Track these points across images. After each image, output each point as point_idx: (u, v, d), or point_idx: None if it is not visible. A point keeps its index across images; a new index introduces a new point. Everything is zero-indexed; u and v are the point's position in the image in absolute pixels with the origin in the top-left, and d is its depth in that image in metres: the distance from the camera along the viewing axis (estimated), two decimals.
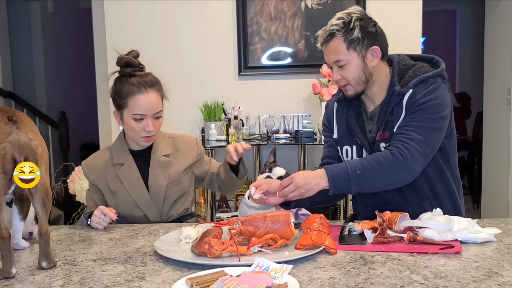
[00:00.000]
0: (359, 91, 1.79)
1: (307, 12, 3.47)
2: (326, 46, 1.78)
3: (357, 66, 1.75)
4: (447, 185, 1.82)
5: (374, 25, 1.77)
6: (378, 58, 1.77)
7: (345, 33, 1.73)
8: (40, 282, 1.26)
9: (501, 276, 1.22)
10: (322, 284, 1.19)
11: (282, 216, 1.46)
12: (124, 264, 1.38)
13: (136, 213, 1.92)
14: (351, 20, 1.73)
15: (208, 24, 3.54)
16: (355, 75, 1.76)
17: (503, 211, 3.97)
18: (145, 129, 1.86)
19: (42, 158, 1.32)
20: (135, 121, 1.86)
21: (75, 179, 2.92)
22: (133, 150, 1.96)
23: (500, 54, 4.08)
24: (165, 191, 1.91)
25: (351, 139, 1.86)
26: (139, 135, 1.88)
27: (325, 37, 1.76)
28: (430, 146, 1.70)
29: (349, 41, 1.73)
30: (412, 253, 1.40)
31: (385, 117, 1.77)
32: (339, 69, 1.77)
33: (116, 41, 3.51)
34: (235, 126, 3.37)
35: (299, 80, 3.52)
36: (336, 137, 1.91)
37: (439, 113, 1.70)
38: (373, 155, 1.70)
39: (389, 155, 1.65)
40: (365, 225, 1.57)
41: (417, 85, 1.74)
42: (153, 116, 1.87)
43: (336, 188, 1.64)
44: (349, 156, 1.87)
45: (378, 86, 1.80)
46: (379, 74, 1.80)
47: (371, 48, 1.75)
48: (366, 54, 1.75)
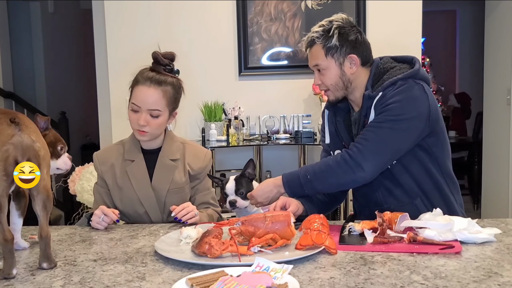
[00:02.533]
0: (339, 97, 1.86)
1: (307, 12, 3.47)
2: (309, 51, 1.88)
3: (335, 72, 1.82)
4: (436, 183, 1.82)
5: (356, 33, 1.81)
6: (356, 65, 1.81)
7: (324, 40, 1.81)
8: (41, 282, 1.26)
9: (501, 276, 1.22)
10: (322, 284, 1.20)
11: (282, 216, 1.46)
12: (125, 264, 1.39)
13: (139, 209, 1.92)
14: (331, 28, 1.80)
15: (208, 24, 3.54)
16: (333, 81, 1.82)
17: (503, 211, 3.97)
18: (137, 122, 1.87)
19: (45, 161, 1.32)
20: (131, 111, 1.89)
21: (75, 179, 2.92)
22: (144, 148, 1.97)
23: (500, 54, 4.08)
24: (166, 195, 1.91)
25: (340, 144, 1.91)
26: (133, 126, 1.90)
27: (307, 43, 1.86)
28: (389, 146, 1.72)
29: (327, 48, 1.80)
30: (412, 253, 1.40)
31: (362, 120, 1.81)
32: (319, 74, 1.85)
33: (116, 41, 3.51)
34: (235, 127, 3.37)
35: (299, 81, 3.52)
36: (328, 142, 1.97)
37: (403, 114, 1.71)
38: (325, 159, 1.82)
39: (338, 157, 1.74)
40: (365, 225, 1.57)
41: (387, 88, 1.76)
42: (148, 111, 1.86)
43: (293, 192, 1.78)
44: None
45: (360, 91, 1.84)
46: (361, 81, 1.83)
47: (349, 56, 1.80)
48: (344, 62, 1.81)
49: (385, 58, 1.87)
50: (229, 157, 3.58)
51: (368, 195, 1.86)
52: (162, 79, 1.88)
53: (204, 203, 1.99)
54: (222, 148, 3.30)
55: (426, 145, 1.79)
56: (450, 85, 7.32)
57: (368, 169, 1.69)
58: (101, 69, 3.64)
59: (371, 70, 1.84)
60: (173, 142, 1.98)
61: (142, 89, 1.86)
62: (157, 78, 1.87)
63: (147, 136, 1.90)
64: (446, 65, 7.30)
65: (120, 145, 2.00)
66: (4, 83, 4.77)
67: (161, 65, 1.91)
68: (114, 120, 3.55)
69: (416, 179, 1.81)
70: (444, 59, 7.27)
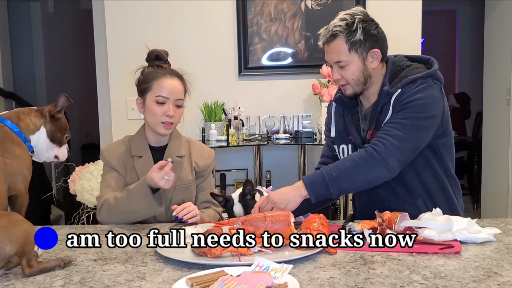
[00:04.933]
0: (357, 92, 1.81)
1: (307, 12, 3.47)
2: (327, 45, 1.79)
3: (357, 67, 1.77)
4: (441, 184, 1.83)
5: (376, 27, 1.79)
6: (378, 60, 1.79)
7: (348, 34, 1.74)
8: (41, 282, 1.26)
9: (501, 276, 1.22)
10: (322, 284, 1.20)
11: (282, 216, 1.47)
12: (125, 264, 1.39)
13: None
14: (354, 22, 1.74)
15: (208, 24, 3.54)
16: (355, 76, 1.78)
17: (502, 211, 3.97)
18: (165, 114, 1.87)
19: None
20: (157, 104, 1.89)
21: (75, 179, 2.92)
22: (151, 145, 1.97)
23: (500, 54, 4.08)
24: (173, 192, 1.92)
25: (346, 138, 1.89)
26: (159, 120, 1.89)
27: (327, 37, 1.77)
28: (411, 143, 1.70)
29: (351, 43, 1.74)
30: (411, 253, 1.41)
31: (375, 116, 1.80)
32: (340, 69, 1.79)
33: (117, 41, 3.51)
34: (235, 127, 3.37)
35: (299, 81, 3.52)
36: (333, 135, 1.94)
37: (425, 112, 1.71)
38: (348, 156, 1.74)
39: (363, 152, 1.68)
40: (365, 225, 1.58)
41: (406, 85, 1.75)
42: (174, 102, 1.89)
43: (316, 194, 1.67)
44: (345, 154, 1.90)
45: (375, 87, 1.82)
46: (378, 76, 1.82)
47: (372, 51, 1.77)
48: (367, 56, 1.77)
49: (399, 56, 1.87)
50: (229, 157, 3.59)
51: (370, 192, 1.85)
52: (177, 72, 1.94)
53: (206, 201, 2.00)
54: (222, 148, 3.30)
55: (435, 145, 1.79)
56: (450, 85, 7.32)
57: (393, 165, 1.67)
58: (101, 69, 3.64)
59: (388, 66, 1.83)
60: (179, 139, 2.00)
61: (166, 80, 1.89)
62: (174, 71, 1.94)
63: (171, 129, 1.92)
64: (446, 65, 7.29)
65: (126, 141, 2.00)
66: (4, 83, 4.77)
67: (165, 62, 1.96)
68: (114, 120, 3.55)
69: (422, 179, 1.80)
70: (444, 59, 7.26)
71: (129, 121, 3.49)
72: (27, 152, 1.43)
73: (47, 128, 1.48)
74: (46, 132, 1.48)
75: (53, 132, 1.49)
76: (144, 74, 1.94)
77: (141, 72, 1.97)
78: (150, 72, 1.92)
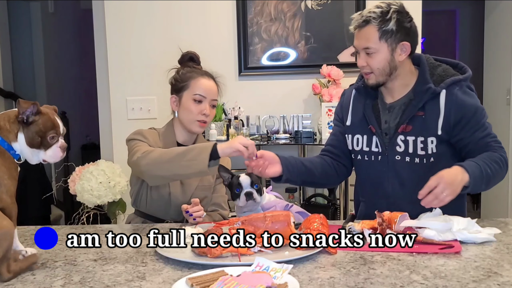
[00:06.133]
0: (380, 82, 1.82)
1: (307, 12, 3.47)
2: (359, 31, 1.79)
3: (385, 57, 1.78)
4: None
5: (410, 21, 1.79)
6: (406, 54, 1.79)
7: (381, 22, 1.75)
8: (41, 282, 1.26)
9: (501, 276, 1.22)
10: (322, 284, 1.20)
11: (282, 216, 1.47)
12: (125, 264, 1.39)
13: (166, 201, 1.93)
14: (389, 11, 1.75)
15: (208, 24, 3.54)
16: (381, 65, 1.78)
17: (503, 211, 3.97)
18: (202, 112, 1.92)
19: None
20: (194, 102, 1.93)
21: (75, 179, 2.91)
22: (179, 142, 1.99)
23: (500, 55, 4.08)
24: (194, 191, 1.94)
25: (365, 127, 1.89)
26: (194, 118, 1.93)
27: (360, 22, 1.78)
28: None
29: (383, 31, 1.75)
30: (411, 253, 1.41)
31: (413, 111, 1.79)
32: (366, 56, 1.79)
33: (117, 41, 3.51)
34: (235, 127, 3.37)
35: (299, 81, 3.52)
36: (349, 124, 1.93)
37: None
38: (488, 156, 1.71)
39: (500, 156, 1.72)
40: (364, 225, 1.58)
41: (450, 85, 1.77)
42: (210, 102, 1.95)
43: (473, 186, 1.62)
44: (359, 145, 1.91)
45: (400, 80, 1.83)
46: (403, 70, 1.82)
47: (402, 43, 1.77)
48: (396, 48, 1.77)
49: (427, 55, 1.88)
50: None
51: (378, 186, 1.86)
52: (212, 74, 2.01)
53: (215, 204, 2.02)
54: None
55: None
56: None
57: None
58: (101, 69, 3.64)
59: (423, 64, 1.84)
60: (204, 141, 2.05)
61: (204, 80, 1.96)
62: (210, 73, 2.01)
63: (205, 128, 1.97)
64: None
65: (156, 132, 2.00)
66: (4, 83, 4.77)
67: (197, 63, 2.05)
68: (114, 120, 3.55)
69: None
70: None
71: (129, 121, 3.49)
72: (10, 160, 1.34)
73: (25, 134, 1.35)
74: (25, 138, 1.35)
75: (30, 138, 1.35)
76: (180, 73, 1.99)
77: (176, 71, 2.03)
78: (188, 72, 1.98)
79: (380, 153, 1.87)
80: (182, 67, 2.02)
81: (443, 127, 1.77)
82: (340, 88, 3.32)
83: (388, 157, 1.84)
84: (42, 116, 1.37)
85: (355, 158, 1.95)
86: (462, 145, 1.80)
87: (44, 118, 1.37)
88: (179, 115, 1.98)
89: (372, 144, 1.87)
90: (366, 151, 1.90)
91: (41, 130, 1.36)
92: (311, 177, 1.92)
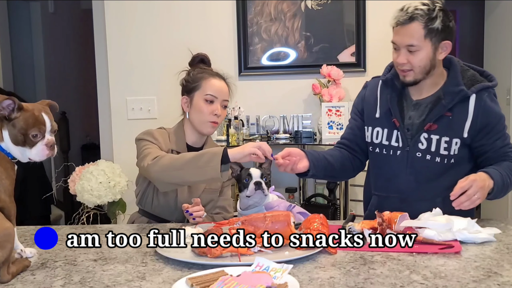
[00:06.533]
0: (418, 79, 1.81)
1: (307, 12, 3.47)
2: (402, 27, 1.76)
3: (427, 55, 1.76)
4: None
5: (451, 20, 1.79)
6: (446, 53, 1.80)
7: (427, 20, 1.73)
8: (41, 282, 1.26)
9: (501, 276, 1.22)
10: (322, 284, 1.20)
11: (282, 216, 1.47)
12: (125, 264, 1.39)
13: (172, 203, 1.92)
14: (434, 9, 1.74)
15: (208, 24, 3.54)
16: (422, 63, 1.77)
17: (503, 211, 3.97)
18: (213, 112, 1.92)
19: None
20: (205, 102, 1.93)
21: (75, 179, 2.91)
22: (188, 143, 1.99)
23: (500, 55, 4.08)
24: (201, 194, 1.94)
25: (387, 121, 1.88)
26: (206, 118, 1.93)
27: (405, 18, 1.74)
28: None
29: (429, 30, 1.74)
30: (411, 253, 1.41)
31: (442, 111, 1.79)
32: (408, 53, 1.77)
33: (117, 41, 3.51)
34: (235, 127, 3.37)
35: (299, 81, 3.52)
36: (378, 116, 1.91)
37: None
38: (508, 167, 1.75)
39: None
40: (364, 225, 1.58)
41: (480, 91, 1.79)
42: (222, 103, 1.95)
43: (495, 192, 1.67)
44: (378, 138, 1.90)
45: (432, 79, 1.83)
46: (438, 69, 1.82)
47: (444, 42, 1.77)
48: (438, 47, 1.77)
49: (456, 58, 1.89)
50: None
51: (393, 180, 1.86)
52: (223, 75, 2.00)
53: (220, 207, 2.02)
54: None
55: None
56: None
57: None
58: (101, 69, 3.64)
59: (455, 65, 1.84)
60: (213, 144, 2.05)
61: (215, 81, 1.96)
62: (221, 74, 2.00)
63: (216, 128, 1.97)
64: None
65: (165, 132, 1.99)
66: (4, 83, 4.77)
67: (207, 65, 2.05)
68: (114, 120, 3.54)
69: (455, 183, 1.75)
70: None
71: (129, 121, 3.49)
72: (6, 160, 1.33)
73: (9, 131, 1.32)
74: (9, 136, 1.32)
75: (14, 135, 1.32)
76: (191, 74, 2.00)
77: (187, 73, 2.03)
78: (199, 73, 1.98)
79: (399, 148, 1.86)
80: (192, 69, 2.03)
81: (469, 130, 1.78)
82: (340, 88, 3.32)
83: (408, 153, 1.84)
84: (24, 113, 1.32)
85: (372, 151, 1.94)
86: (481, 151, 1.81)
87: (26, 115, 1.32)
88: (190, 116, 1.98)
89: (393, 138, 1.87)
90: (385, 144, 1.89)
91: (22, 127, 1.31)
92: (332, 171, 1.93)
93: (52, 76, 5.68)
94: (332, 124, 3.28)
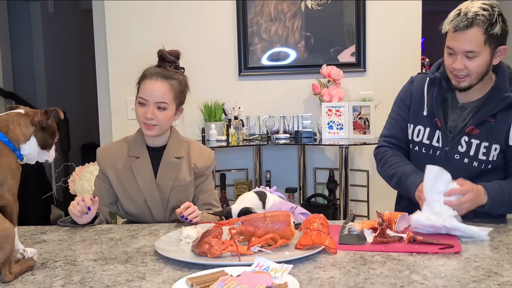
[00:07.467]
0: (472, 85, 1.76)
1: (307, 12, 3.47)
2: (461, 32, 1.68)
3: (485, 61, 1.71)
4: None
5: (507, 25, 1.73)
6: (501, 58, 1.75)
7: (488, 26, 1.66)
8: (41, 282, 1.26)
9: (501, 276, 1.22)
10: (322, 284, 1.20)
11: (282, 216, 1.47)
12: (125, 264, 1.39)
13: (143, 206, 1.92)
14: (494, 14, 1.67)
15: (208, 24, 3.54)
16: (480, 69, 1.72)
17: None
18: (144, 115, 1.89)
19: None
20: (139, 105, 1.93)
21: (75, 179, 2.92)
22: (149, 146, 1.97)
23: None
24: (170, 193, 1.92)
25: (431, 120, 1.85)
26: (140, 120, 1.92)
27: (465, 24, 1.67)
28: None
29: (489, 35, 1.67)
30: (411, 253, 1.41)
31: (485, 116, 1.76)
32: (466, 59, 1.71)
33: (117, 41, 3.51)
34: (235, 126, 3.37)
35: (299, 81, 3.52)
36: (426, 114, 1.87)
37: None
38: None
39: None
40: (364, 225, 1.58)
41: None
42: (155, 104, 1.89)
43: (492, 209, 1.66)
44: (419, 136, 1.88)
45: (482, 84, 1.78)
46: (489, 73, 1.78)
47: (502, 47, 1.73)
48: (495, 52, 1.72)
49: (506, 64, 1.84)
50: (229, 157, 3.58)
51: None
52: (169, 73, 1.93)
53: (207, 204, 2.00)
54: (222, 148, 3.30)
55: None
56: None
57: None
58: (101, 69, 3.64)
59: (504, 71, 1.79)
60: (178, 140, 2.00)
61: (149, 83, 1.91)
62: (163, 72, 1.92)
63: (155, 131, 1.91)
64: None
65: (124, 142, 2.00)
66: (4, 83, 4.77)
67: (167, 62, 1.95)
68: (114, 120, 3.55)
69: None
70: None
71: (129, 121, 3.49)
72: (15, 161, 1.38)
73: (37, 137, 1.44)
74: (37, 141, 1.44)
75: (44, 140, 1.46)
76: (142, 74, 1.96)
77: None
78: (143, 72, 1.95)
79: (439, 148, 1.84)
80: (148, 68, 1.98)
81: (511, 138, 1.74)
82: (340, 88, 3.32)
83: (447, 153, 1.82)
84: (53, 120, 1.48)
85: (412, 148, 1.92)
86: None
87: (52, 122, 1.48)
88: None
89: (434, 138, 1.84)
90: (426, 144, 1.87)
91: (53, 132, 1.48)
92: None
93: (52, 76, 5.68)
94: (332, 124, 3.28)
